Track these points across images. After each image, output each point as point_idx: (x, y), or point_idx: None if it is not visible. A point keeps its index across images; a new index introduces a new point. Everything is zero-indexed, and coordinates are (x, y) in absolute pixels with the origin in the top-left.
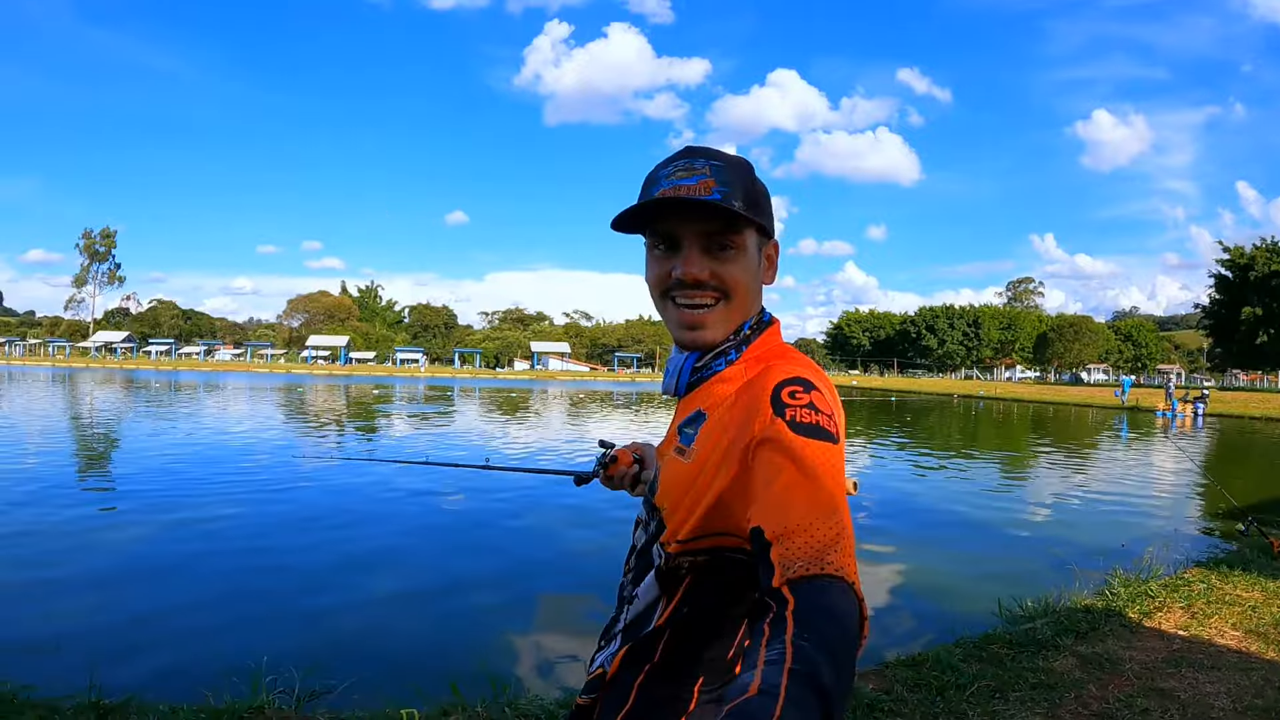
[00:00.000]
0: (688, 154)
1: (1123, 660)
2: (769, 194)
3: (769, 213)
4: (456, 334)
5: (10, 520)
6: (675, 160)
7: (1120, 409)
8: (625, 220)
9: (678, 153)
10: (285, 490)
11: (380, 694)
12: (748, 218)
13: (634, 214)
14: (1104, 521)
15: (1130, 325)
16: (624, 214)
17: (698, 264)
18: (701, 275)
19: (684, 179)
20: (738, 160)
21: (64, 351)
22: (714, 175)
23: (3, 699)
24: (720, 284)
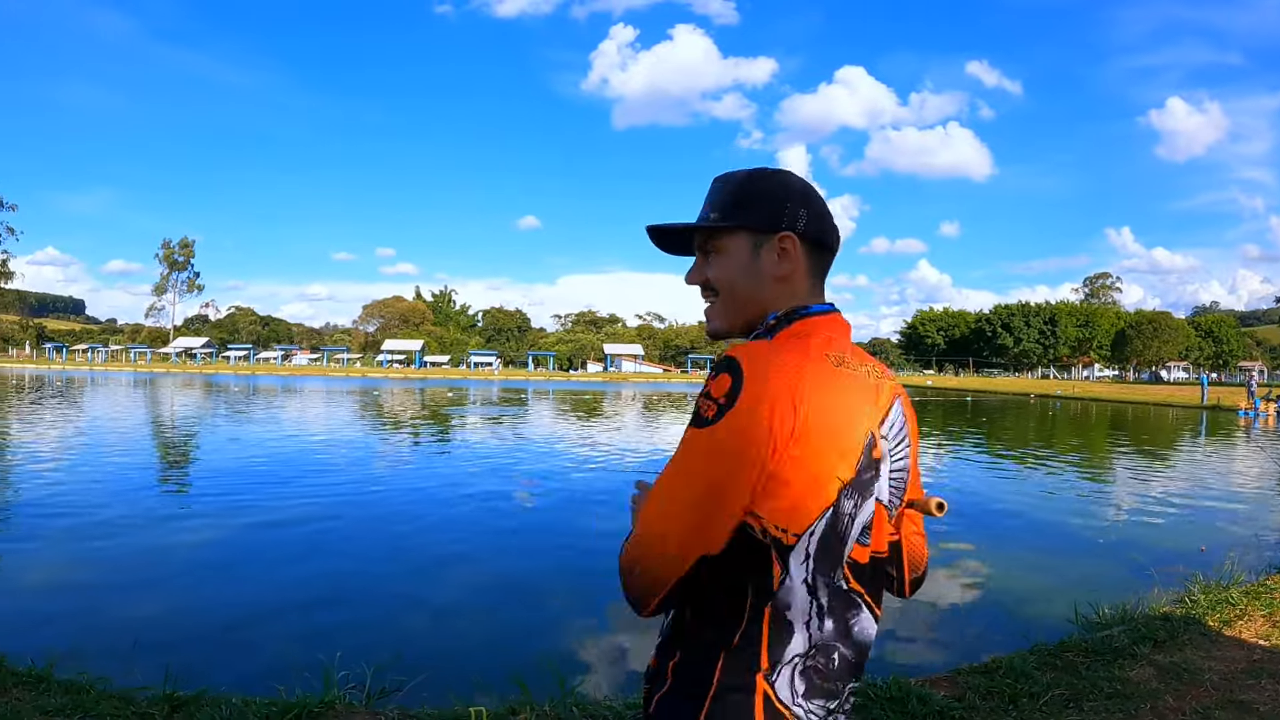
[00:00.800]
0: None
1: (1201, 670)
2: (781, 190)
3: (762, 209)
4: (530, 337)
5: (93, 519)
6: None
7: (1201, 407)
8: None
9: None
10: (358, 492)
11: (449, 691)
12: (710, 224)
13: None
14: (1183, 525)
15: (1210, 321)
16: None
17: (692, 272)
18: (694, 280)
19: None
20: (735, 174)
21: (145, 357)
22: (707, 198)
23: (80, 689)
24: (712, 284)
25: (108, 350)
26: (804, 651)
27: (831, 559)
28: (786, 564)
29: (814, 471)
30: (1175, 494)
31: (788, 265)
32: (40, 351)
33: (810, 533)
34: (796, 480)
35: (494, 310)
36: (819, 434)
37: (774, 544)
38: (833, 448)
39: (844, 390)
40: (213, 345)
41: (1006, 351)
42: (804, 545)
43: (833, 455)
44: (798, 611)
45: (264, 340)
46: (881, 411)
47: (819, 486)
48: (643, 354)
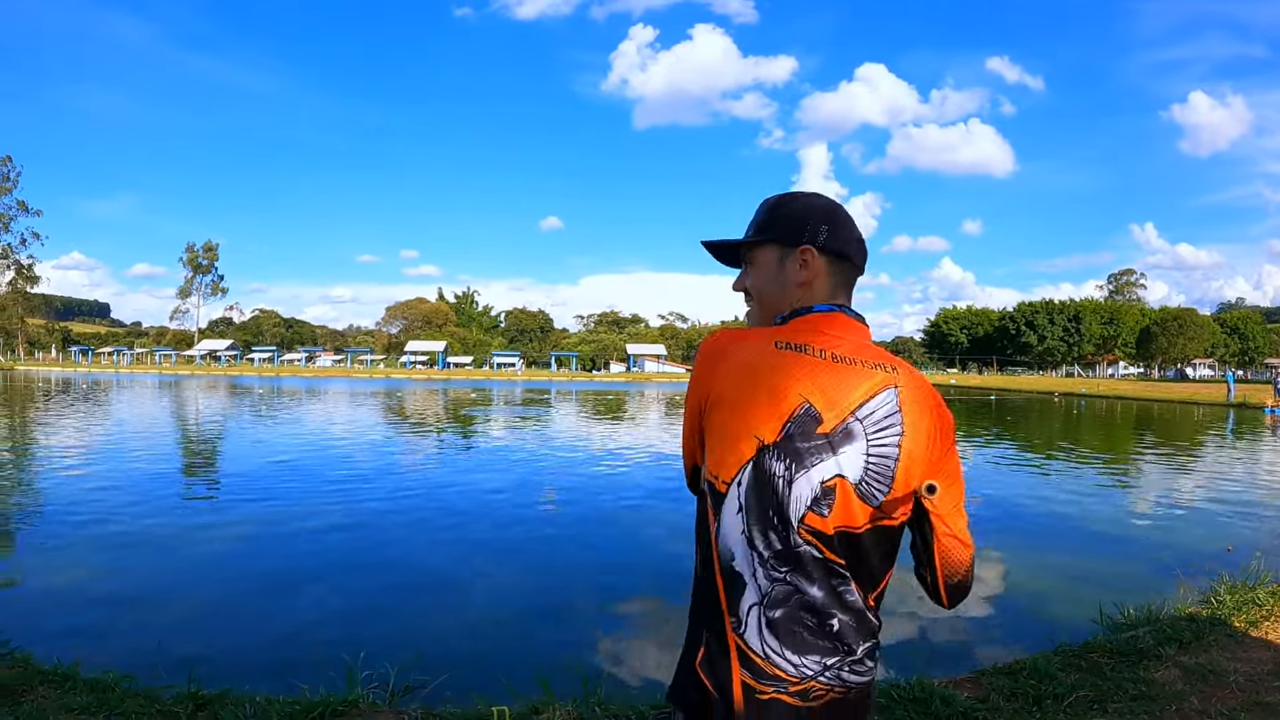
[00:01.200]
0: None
1: (1227, 672)
2: (807, 210)
3: (788, 226)
4: (552, 337)
5: (118, 520)
6: None
7: (1228, 405)
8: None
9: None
10: (382, 493)
11: (472, 691)
12: (748, 241)
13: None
14: (1209, 525)
15: (1236, 317)
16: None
17: (737, 280)
18: (738, 287)
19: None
20: (773, 199)
21: (170, 360)
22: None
23: (105, 688)
24: (750, 290)
25: (133, 353)
26: (758, 601)
27: (769, 516)
28: (719, 511)
29: (730, 428)
30: (1201, 493)
31: (807, 273)
32: (66, 354)
33: (737, 482)
34: (714, 433)
35: (516, 311)
36: (732, 400)
37: (709, 490)
38: (748, 412)
39: (774, 367)
40: (237, 347)
41: (1030, 350)
42: (734, 495)
43: (748, 418)
44: (742, 562)
45: (288, 342)
46: (857, 395)
47: (735, 441)
48: (665, 354)
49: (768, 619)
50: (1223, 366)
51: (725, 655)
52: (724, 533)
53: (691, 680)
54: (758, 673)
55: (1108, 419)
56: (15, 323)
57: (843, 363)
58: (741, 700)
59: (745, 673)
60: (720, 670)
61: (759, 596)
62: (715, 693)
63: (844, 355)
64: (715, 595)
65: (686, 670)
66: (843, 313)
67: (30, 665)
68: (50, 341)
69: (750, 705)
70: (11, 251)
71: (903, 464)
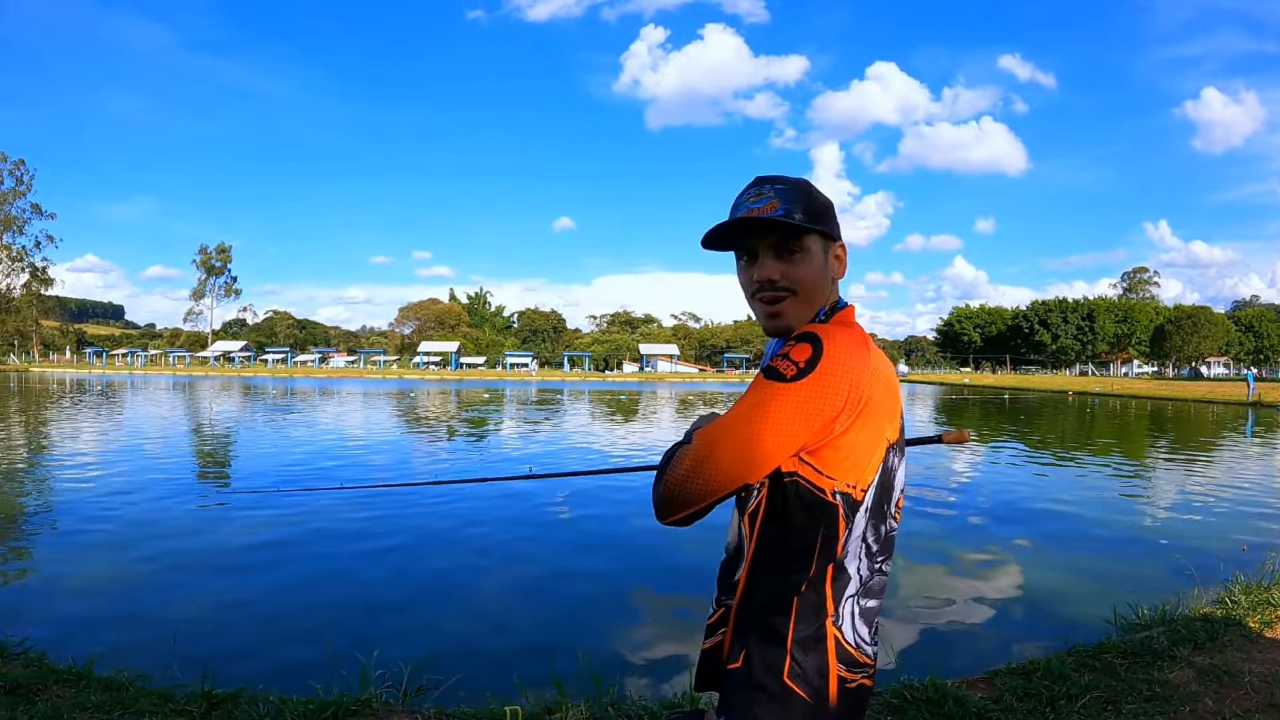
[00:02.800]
0: (757, 183)
1: (1242, 673)
2: (831, 205)
3: (832, 220)
4: (565, 338)
5: (133, 519)
6: (748, 189)
7: (1246, 404)
8: (714, 239)
9: (750, 183)
10: (397, 492)
11: (485, 690)
12: (807, 227)
13: (720, 234)
14: (1225, 525)
15: (1251, 315)
16: (711, 233)
17: (770, 268)
18: (774, 276)
19: (754, 203)
20: (798, 181)
21: (184, 361)
22: (778, 197)
23: (119, 686)
24: (790, 283)
25: (147, 354)
26: (855, 592)
27: (881, 509)
28: (853, 519)
29: (873, 434)
30: (1216, 493)
31: (841, 269)
32: (81, 356)
33: (871, 486)
34: (861, 441)
35: (529, 311)
36: (878, 403)
37: (844, 500)
38: (884, 414)
39: (886, 365)
40: (250, 349)
41: (1044, 348)
42: (867, 501)
43: (884, 420)
44: (852, 558)
45: (301, 343)
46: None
47: (875, 446)
48: (678, 354)
49: (861, 608)
50: (1237, 365)
51: (823, 651)
52: (851, 538)
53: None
54: (850, 662)
55: (1122, 418)
56: (30, 325)
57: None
58: (835, 692)
59: (841, 665)
60: (814, 669)
61: (858, 588)
62: (806, 695)
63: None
64: (822, 595)
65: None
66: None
67: (45, 664)
68: (65, 343)
69: (843, 695)
70: (26, 254)
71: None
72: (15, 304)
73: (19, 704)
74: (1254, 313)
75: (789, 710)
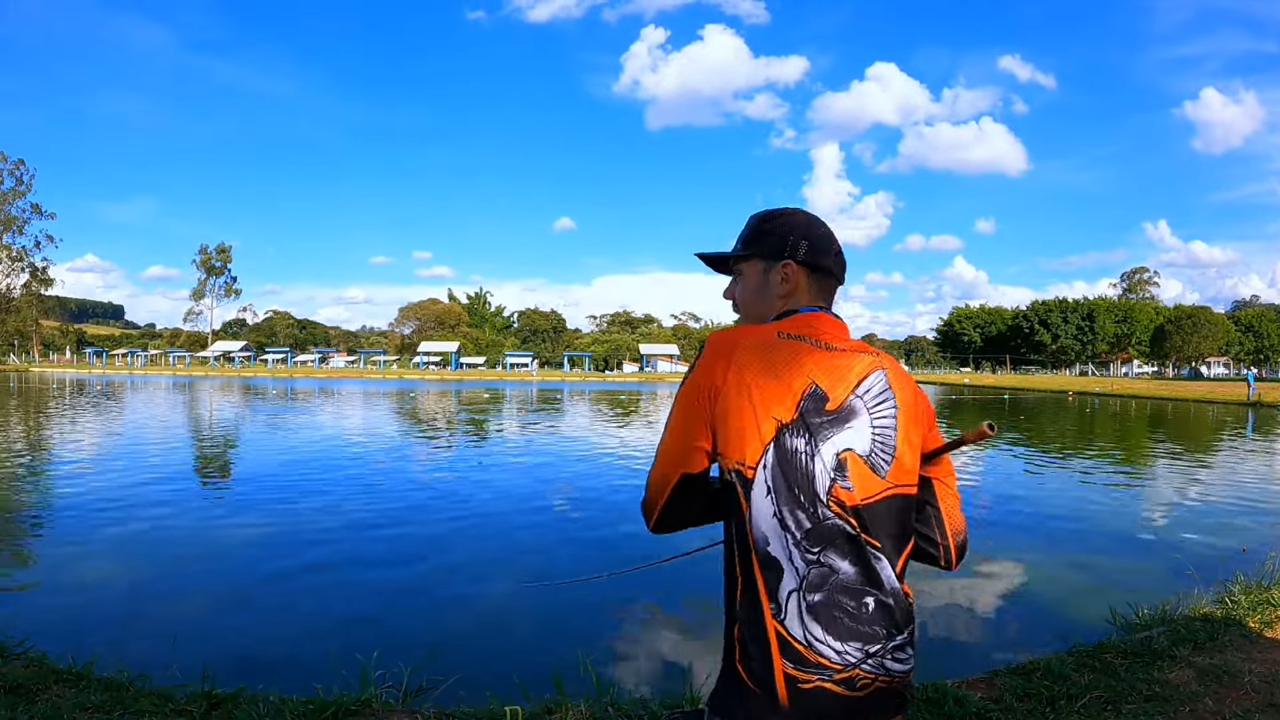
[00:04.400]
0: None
1: (1242, 673)
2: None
3: (769, 243)
4: (565, 338)
5: (132, 519)
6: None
7: (1246, 404)
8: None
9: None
10: (397, 493)
11: (485, 690)
12: (735, 255)
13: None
14: (1224, 525)
15: (1251, 315)
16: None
17: (726, 290)
18: (727, 295)
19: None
20: (755, 214)
21: (184, 361)
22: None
23: (119, 686)
24: (736, 301)
25: (147, 355)
26: (797, 586)
27: (797, 493)
28: (749, 496)
29: (750, 411)
30: (1216, 493)
31: (789, 286)
32: (80, 356)
33: (763, 465)
34: (735, 418)
35: (529, 311)
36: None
37: (737, 478)
38: (762, 392)
39: (782, 353)
40: (250, 349)
41: (1044, 348)
42: (762, 478)
43: (764, 398)
44: (777, 546)
45: (301, 343)
46: (854, 376)
47: (757, 423)
48: (678, 354)
49: (808, 603)
50: (1237, 365)
51: (765, 645)
52: (756, 519)
53: (732, 684)
54: (800, 661)
55: (1122, 418)
56: (30, 325)
57: (835, 350)
58: (785, 692)
59: (787, 662)
60: (760, 662)
61: (797, 581)
62: (755, 687)
63: (835, 344)
64: (753, 584)
65: (727, 675)
66: (825, 313)
67: (45, 664)
68: (65, 343)
69: (794, 696)
70: (26, 254)
71: (900, 434)
72: (15, 304)
73: (19, 704)
74: (1254, 313)
75: (743, 699)
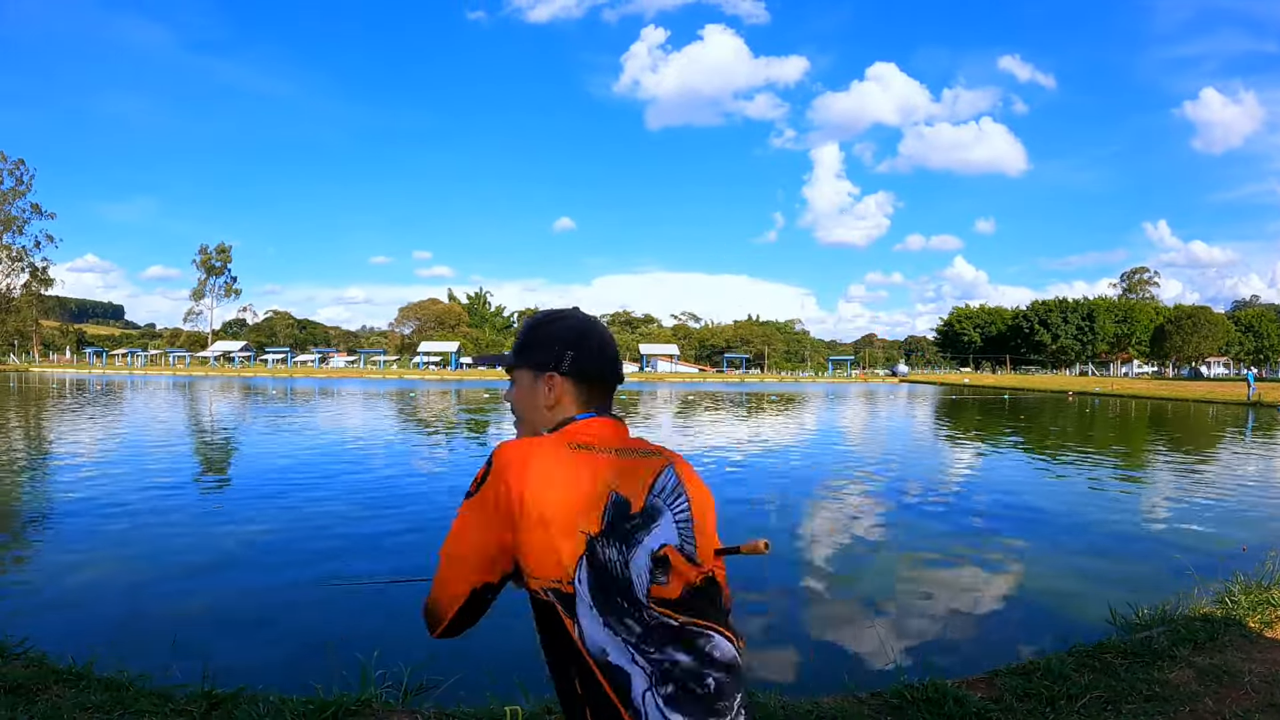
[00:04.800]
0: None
1: (1242, 673)
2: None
3: (535, 355)
4: None
5: (132, 519)
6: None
7: (1246, 404)
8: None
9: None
10: (396, 491)
11: (485, 690)
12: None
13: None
14: (1224, 525)
15: (1251, 315)
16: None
17: (505, 393)
18: (504, 399)
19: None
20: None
21: (184, 361)
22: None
23: (119, 686)
24: (511, 405)
25: (147, 354)
26: (648, 686)
27: (619, 600)
28: (574, 614)
29: (552, 528)
30: (1216, 493)
31: (554, 396)
32: (81, 356)
33: (579, 580)
34: (538, 537)
35: (529, 311)
36: (545, 501)
37: (557, 598)
38: (565, 508)
39: (576, 464)
40: (250, 349)
41: (1044, 348)
42: (582, 594)
43: (568, 513)
44: (618, 655)
45: (301, 343)
46: (646, 477)
47: (563, 539)
48: (678, 354)
49: (663, 696)
50: (1237, 365)
51: None
52: (588, 633)
53: None
54: None
55: (1122, 418)
56: (30, 325)
57: (623, 454)
58: None
59: None
60: None
61: (647, 682)
62: None
63: (620, 448)
64: (603, 697)
65: None
66: (599, 416)
67: (45, 664)
68: (65, 343)
69: None
70: (26, 254)
71: (697, 524)
72: (15, 304)
73: (19, 704)
74: (1254, 313)
75: None
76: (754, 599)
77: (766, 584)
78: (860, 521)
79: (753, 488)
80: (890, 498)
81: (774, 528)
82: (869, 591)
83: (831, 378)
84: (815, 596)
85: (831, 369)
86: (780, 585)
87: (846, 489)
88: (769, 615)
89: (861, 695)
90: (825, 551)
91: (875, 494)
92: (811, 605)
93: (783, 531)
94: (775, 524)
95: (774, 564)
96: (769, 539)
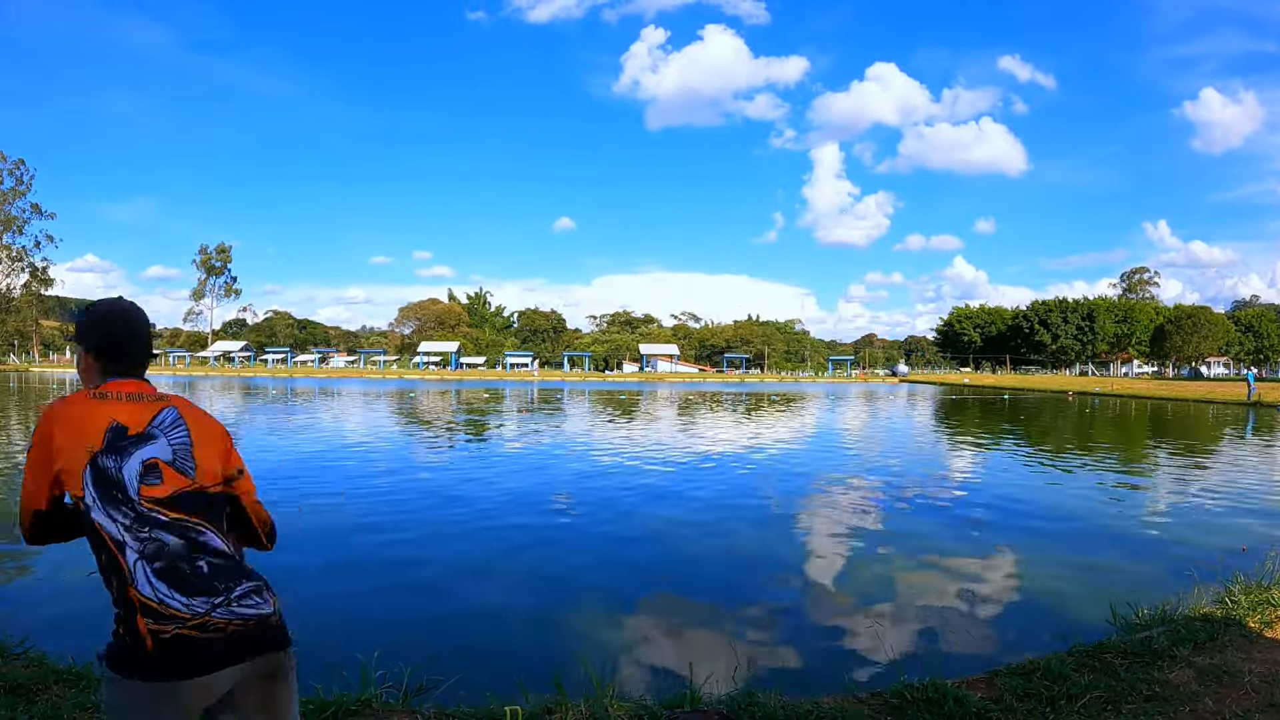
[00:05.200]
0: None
1: (1242, 673)
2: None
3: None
4: (565, 338)
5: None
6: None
7: (1246, 404)
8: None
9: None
10: (397, 491)
11: (485, 690)
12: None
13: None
14: (1224, 525)
15: (1251, 315)
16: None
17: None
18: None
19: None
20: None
21: (184, 361)
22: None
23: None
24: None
25: None
26: (139, 557)
27: (114, 493)
28: (89, 509)
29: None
30: (1216, 493)
31: (85, 365)
32: None
33: (87, 483)
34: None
35: (529, 311)
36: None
37: (81, 503)
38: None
39: (91, 407)
40: (250, 349)
41: (1044, 348)
42: (91, 493)
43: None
44: (117, 534)
45: (301, 343)
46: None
47: (76, 457)
48: (678, 354)
49: (153, 569)
50: (1237, 365)
51: (130, 608)
52: (97, 518)
53: (117, 641)
54: (156, 616)
55: (1122, 418)
56: (30, 325)
57: (131, 398)
58: (150, 643)
59: (148, 620)
60: (128, 623)
61: (137, 554)
62: (131, 641)
63: (131, 395)
64: (115, 564)
65: (114, 635)
66: (127, 379)
67: (45, 664)
68: (65, 343)
69: (159, 645)
70: (26, 254)
71: (197, 450)
72: (15, 304)
73: (19, 704)
74: (1254, 313)
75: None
76: (754, 599)
77: (767, 584)
78: (860, 521)
79: (753, 487)
80: (890, 498)
81: (774, 527)
82: (869, 591)
83: (831, 378)
84: (815, 596)
85: (831, 369)
86: (780, 585)
87: (846, 489)
88: (769, 615)
89: (861, 695)
90: (825, 552)
91: (875, 494)
92: (811, 605)
93: (783, 531)
94: (775, 524)
95: (774, 564)
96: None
